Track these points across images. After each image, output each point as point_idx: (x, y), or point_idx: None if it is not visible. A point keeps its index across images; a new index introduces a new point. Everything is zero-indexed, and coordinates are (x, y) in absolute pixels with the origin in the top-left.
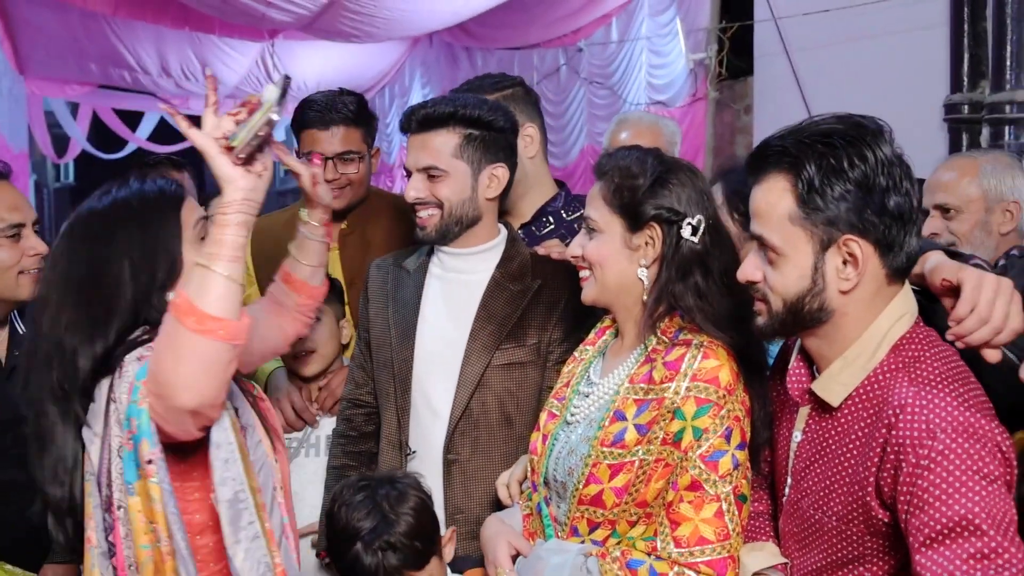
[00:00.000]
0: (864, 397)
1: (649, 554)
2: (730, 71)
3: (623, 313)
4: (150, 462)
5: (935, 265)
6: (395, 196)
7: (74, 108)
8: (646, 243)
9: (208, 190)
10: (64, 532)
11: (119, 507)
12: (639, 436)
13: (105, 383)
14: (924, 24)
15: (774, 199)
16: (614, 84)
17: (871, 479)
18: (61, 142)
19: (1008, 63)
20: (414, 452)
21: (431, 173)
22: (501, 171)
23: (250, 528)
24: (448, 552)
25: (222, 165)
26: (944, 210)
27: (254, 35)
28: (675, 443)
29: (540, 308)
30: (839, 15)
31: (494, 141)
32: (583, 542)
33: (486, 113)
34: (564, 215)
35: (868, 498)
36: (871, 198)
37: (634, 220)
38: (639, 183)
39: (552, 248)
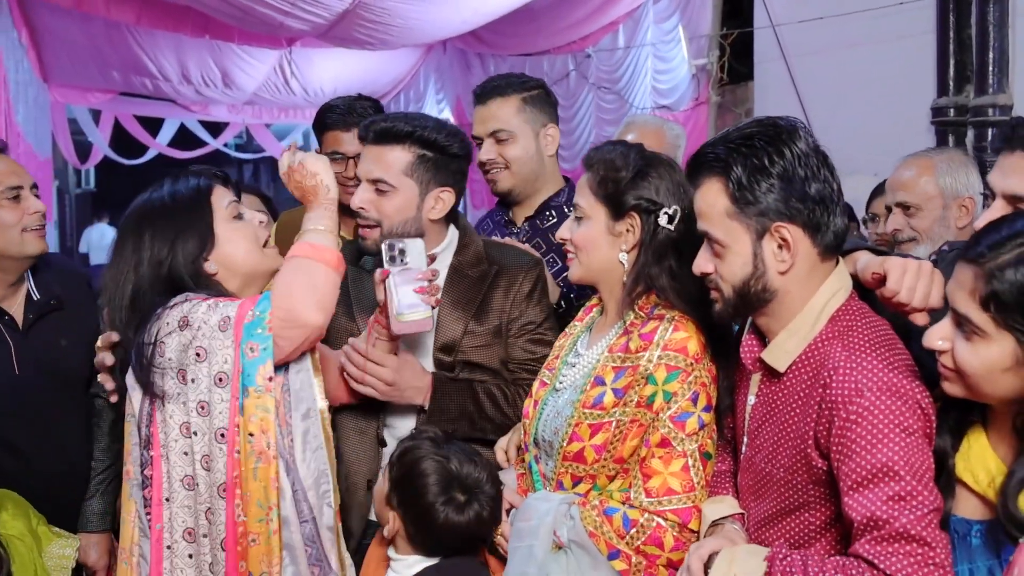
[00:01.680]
0: (806, 362)
1: (624, 503)
2: (731, 76)
3: (606, 292)
4: (270, 379)
5: (865, 263)
6: None
7: (96, 115)
8: (627, 230)
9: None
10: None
11: (163, 445)
12: (616, 399)
13: (154, 335)
14: (912, 31)
15: (711, 200)
16: (621, 89)
17: (810, 432)
18: (83, 148)
19: (990, 68)
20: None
21: (379, 187)
22: (447, 195)
23: (314, 440)
24: None
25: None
26: (905, 207)
27: (272, 43)
28: (648, 405)
29: (499, 291)
30: (833, 22)
31: (446, 165)
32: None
33: (443, 137)
34: (566, 210)
35: (808, 449)
36: (793, 188)
37: (617, 209)
38: (622, 175)
39: None
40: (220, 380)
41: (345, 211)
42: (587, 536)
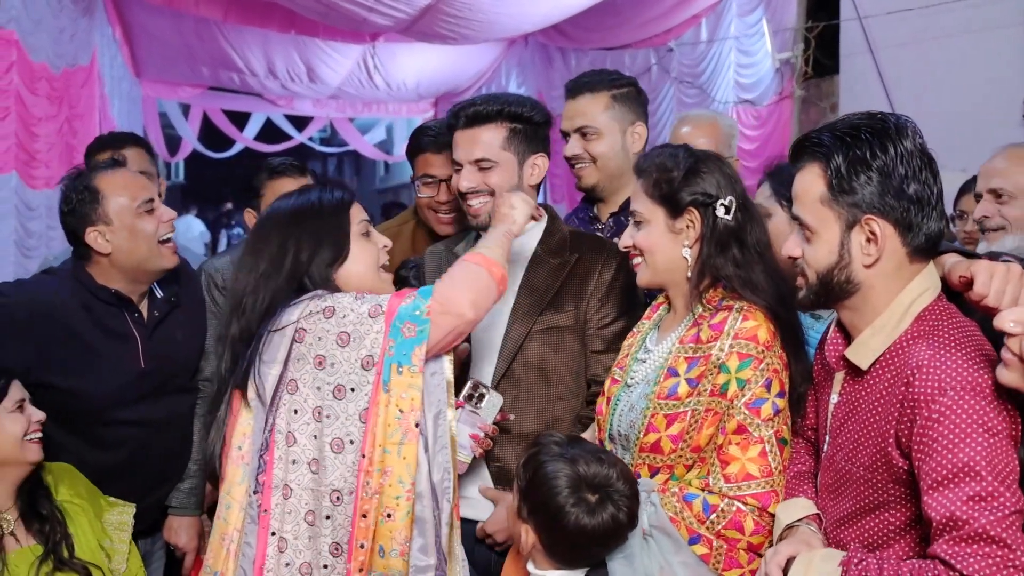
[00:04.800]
0: (890, 361)
1: (703, 489)
2: (816, 70)
3: (674, 289)
4: (423, 360)
5: (951, 266)
6: None
7: (186, 109)
8: (687, 226)
9: None
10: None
11: (283, 430)
12: (690, 389)
13: (292, 325)
14: (1004, 22)
15: (808, 184)
16: (703, 83)
17: (891, 431)
18: (173, 142)
19: None
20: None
21: (482, 165)
22: (542, 160)
23: (441, 440)
24: None
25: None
26: (997, 195)
27: (356, 38)
28: (722, 394)
29: (576, 279)
30: (922, 14)
31: (535, 133)
32: None
33: (528, 110)
34: None
35: (889, 448)
36: (891, 184)
37: (674, 207)
38: (674, 175)
39: None
40: (366, 363)
41: (436, 237)
42: (668, 521)
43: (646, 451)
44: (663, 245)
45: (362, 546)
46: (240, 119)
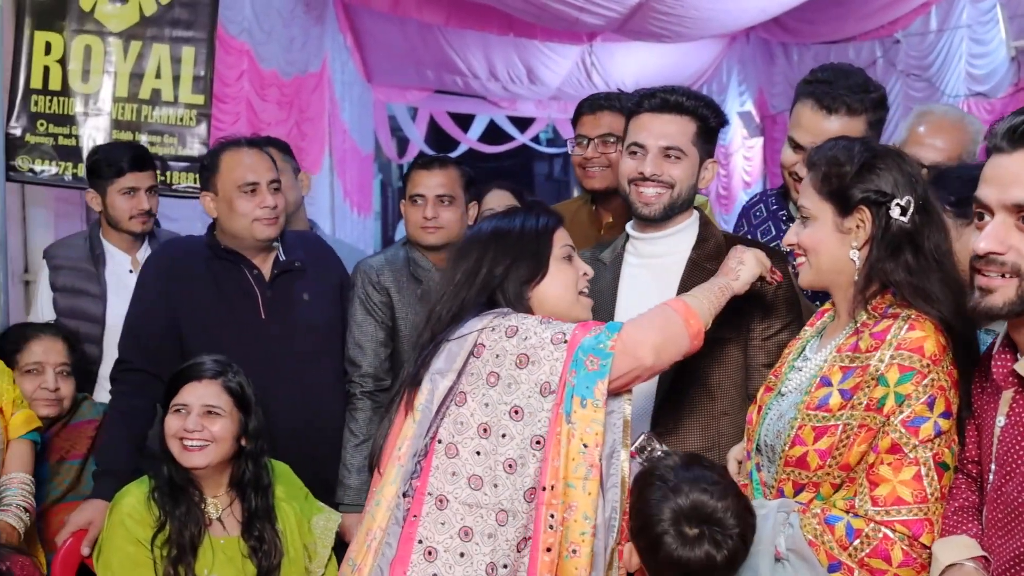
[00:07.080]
0: None
1: (847, 511)
2: None
3: (838, 293)
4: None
5: None
6: None
7: (413, 112)
8: (856, 226)
9: None
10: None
11: (450, 442)
12: (843, 401)
13: (471, 337)
14: None
15: None
16: (931, 76)
17: None
18: (402, 144)
19: None
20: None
21: (671, 153)
22: (713, 166)
23: (613, 477)
24: None
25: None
26: None
27: (573, 39)
28: (878, 409)
29: None
30: None
31: (712, 138)
32: None
33: (712, 113)
34: None
35: None
36: None
37: (843, 205)
38: (846, 170)
39: None
40: (544, 389)
41: (596, 198)
42: (807, 546)
43: (791, 465)
44: (829, 245)
45: None
46: (464, 121)
